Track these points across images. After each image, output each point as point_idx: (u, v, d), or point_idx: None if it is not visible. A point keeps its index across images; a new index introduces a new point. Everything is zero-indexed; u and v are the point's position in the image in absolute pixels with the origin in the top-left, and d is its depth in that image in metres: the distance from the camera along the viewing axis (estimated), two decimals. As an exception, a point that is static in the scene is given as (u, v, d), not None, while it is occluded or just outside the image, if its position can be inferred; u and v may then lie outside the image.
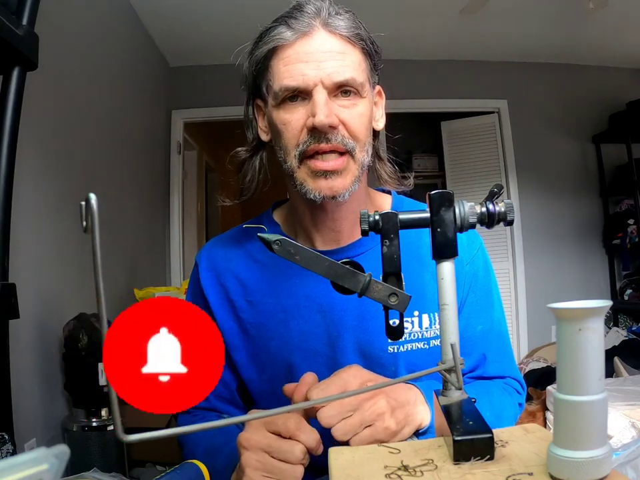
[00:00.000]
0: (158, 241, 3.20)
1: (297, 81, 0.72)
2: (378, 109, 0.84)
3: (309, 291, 0.81)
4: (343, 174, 0.74)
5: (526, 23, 3.05)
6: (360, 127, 0.75)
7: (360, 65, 0.75)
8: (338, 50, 0.73)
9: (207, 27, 2.97)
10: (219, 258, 0.88)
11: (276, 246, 0.53)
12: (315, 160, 0.74)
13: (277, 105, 0.75)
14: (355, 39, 0.75)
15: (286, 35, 0.73)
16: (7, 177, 0.83)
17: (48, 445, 0.28)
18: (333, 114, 0.72)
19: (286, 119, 0.74)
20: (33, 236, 1.56)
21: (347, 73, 0.73)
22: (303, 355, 0.81)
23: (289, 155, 0.75)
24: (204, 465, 0.74)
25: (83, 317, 1.61)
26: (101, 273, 0.30)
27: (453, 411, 0.46)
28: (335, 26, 0.73)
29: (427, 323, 0.80)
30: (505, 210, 0.53)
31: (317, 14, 0.74)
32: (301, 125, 0.73)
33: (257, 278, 0.84)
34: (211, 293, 0.86)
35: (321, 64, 0.72)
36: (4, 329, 0.88)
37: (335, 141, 0.73)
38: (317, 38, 0.73)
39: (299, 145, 0.74)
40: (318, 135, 0.72)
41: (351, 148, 0.74)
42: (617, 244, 3.61)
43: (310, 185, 0.75)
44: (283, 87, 0.73)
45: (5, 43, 0.79)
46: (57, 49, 1.70)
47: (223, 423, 0.37)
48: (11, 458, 0.26)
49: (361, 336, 0.80)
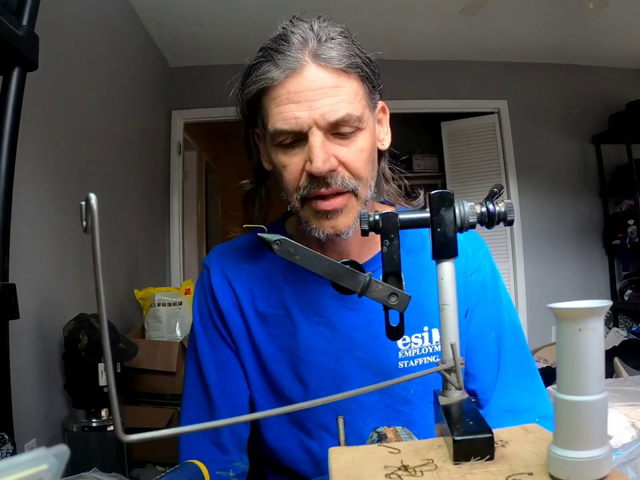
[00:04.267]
0: (158, 241, 3.20)
1: (290, 124, 0.69)
2: (382, 127, 0.81)
3: (319, 308, 0.80)
4: (345, 212, 0.73)
5: (526, 23, 3.05)
6: (361, 165, 0.72)
7: (356, 95, 0.71)
8: (330, 85, 0.69)
9: (207, 27, 2.97)
10: (229, 263, 0.85)
11: (276, 246, 0.53)
12: (317, 201, 0.72)
13: (274, 145, 0.73)
14: (349, 69, 0.70)
15: (274, 74, 0.69)
16: (7, 177, 0.83)
17: (48, 445, 0.28)
18: (330, 157, 0.69)
19: (285, 161, 0.72)
20: (33, 236, 1.56)
21: (342, 110, 0.69)
22: (309, 368, 0.80)
23: (291, 196, 0.74)
24: (204, 465, 0.74)
25: (83, 317, 1.61)
26: (101, 273, 0.30)
27: (453, 411, 0.45)
28: (325, 58, 0.69)
29: (437, 337, 0.79)
30: (505, 210, 0.53)
31: (304, 44, 0.69)
32: (299, 169, 0.71)
33: (267, 289, 0.83)
34: (222, 297, 0.83)
35: (314, 103, 0.68)
36: (4, 329, 0.88)
37: (335, 184, 0.70)
38: (306, 75, 0.69)
39: (299, 189, 0.72)
40: (317, 180, 0.70)
41: (353, 188, 0.72)
42: (617, 244, 3.61)
43: (314, 225, 0.74)
44: (277, 131, 0.70)
45: (5, 43, 0.79)
46: (57, 50, 1.70)
47: (222, 423, 0.36)
48: (11, 458, 0.26)
49: (370, 352, 0.79)
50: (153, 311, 2.34)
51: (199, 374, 0.84)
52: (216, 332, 0.84)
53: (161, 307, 2.34)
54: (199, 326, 0.85)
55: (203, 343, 0.84)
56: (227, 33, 3.01)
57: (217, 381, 0.83)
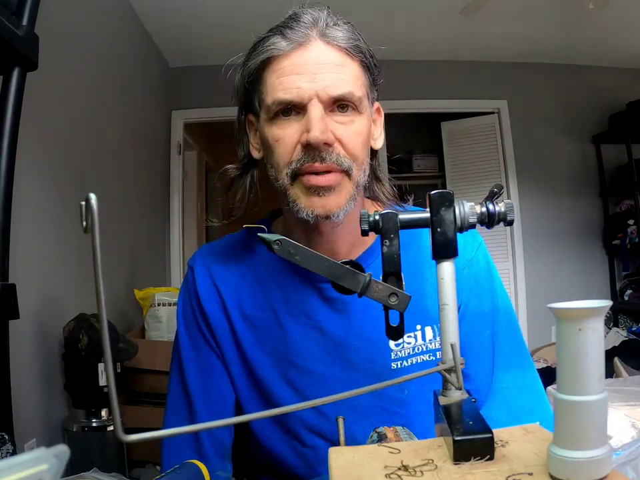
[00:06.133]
0: (158, 241, 3.20)
1: (291, 94, 0.68)
2: (377, 127, 0.80)
3: (308, 310, 0.79)
4: (337, 190, 0.70)
5: (526, 23, 3.05)
6: (357, 145, 0.71)
7: (358, 78, 0.72)
8: (335, 62, 0.69)
9: (207, 27, 2.97)
10: (215, 264, 0.83)
11: (276, 246, 0.53)
12: (309, 176, 0.69)
13: (269, 120, 0.71)
14: (354, 51, 0.71)
15: (281, 44, 0.69)
16: (7, 177, 0.83)
17: (48, 445, 0.28)
18: (328, 130, 0.68)
19: (279, 134, 0.70)
20: (33, 236, 1.56)
21: (345, 87, 0.69)
22: (298, 372, 0.79)
23: (281, 172, 0.71)
24: (204, 465, 0.73)
25: (83, 317, 1.60)
26: (101, 273, 0.30)
27: (453, 411, 0.45)
28: (332, 37, 0.70)
29: (431, 335, 0.78)
30: (505, 210, 0.53)
31: (314, 24, 0.70)
32: (294, 141, 0.69)
33: (254, 291, 0.81)
34: (207, 299, 0.81)
35: (317, 76, 0.68)
36: (4, 329, 0.88)
37: (330, 160, 0.69)
38: (313, 49, 0.69)
39: (291, 163, 0.70)
40: (312, 153, 0.68)
41: (347, 167, 0.70)
42: (617, 244, 3.61)
43: (302, 203, 0.70)
44: (277, 101, 0.69)
45: (5, 43, 0.79)
46: (57, 49, 1.70)
47: (221, 423, 0.36)
48: (11, 458, 0.26)
49: (362, 355, 0.78)
50: (153, 311, 2.34)
51: (181, 378, 0.82)
52: (200, 335, 0.82)
53: (160, 307, 2.34)
54: (183, 328, 0.83)
55: (186, 347, 0.82)
56: (227, 33, 3.00)
57: (199, 385, 0.81)
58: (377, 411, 0.78)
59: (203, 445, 0.79)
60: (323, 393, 0.77)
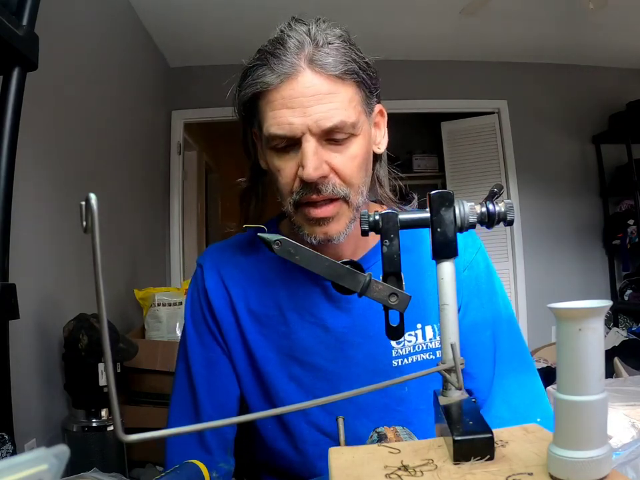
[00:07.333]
0: (158, 241, 3.20)
1: (284, 129, 0.69)
2: (379, 130, 0.81)
3: (313, 309, 0.81)
4: (336, 218, 0.73)
5: (526, 23, 3.05)
6: (353, 171, 0.72)
7: (351, 101, 0.71)
8: (325, 91, 0.69)
9: (207, 27, 2.97)
10: (223, 262, 0.86)
11: (276, 246, 0.53)
12: (309, 207, 0.72)
13: (269, 149, 0.73)
14: (345, 75, 0.70)
15: (269, 79, 0.69)
16: (7, 177, 0.83)
17: (48, 445, 0.28)
18: (322, 164, 0.70)
19: (279, 165, 0.73)
20: (33, 236, 1.56)
21: (336, 117, 0.69)
22: (303, 369, 0.80)
23: (285, 200, 0.74)
24: (204, 465, 0.74)
25: (83, 317, 1.60)
26: (101, 273, 0.30)
27: (453, 411, 0.45)
28: (321, 64, 0.68)
29: (431, 334, 0.80)
30: (505, 210, 0.53)
31: (300, 49, 0.69)
32: (293, 174, 0.72)
33: (261, 289, 0.83)
34: (215, 295, 0.84)
35: (308, 110, 0.68)
36: (4, 329, 0.88)
37: (326, 191, 0.71)
38: (301, 81, 0.68)
39: (292, 193, 0.72)
40: (309, 186, 0.70)
41: (344, 195, 0.72)
42: (617, 244, 3.61)
43: (306, 230, 0.74)
44: (271, 135, 0.70)
45: (5, 43, 0.79)
46: (57, 49, 1.70)
47: (222, 422, 0.36)
48: (11, 458, 0.26)
49: (364, 352, 0.79)
50: (153, 311, 2.34)
51: (187, 372, 0.84)
52: (207, 330, 0.84)
53: (160, 306, 2.34)
54: (190, 324, 0.86)
55: (193, 341, 0.84)
56: (227, 32, 3.01)
57: (205, 379, 0.83)
58: (377, 407, 0.80)
59: (206, 437, 0.81)
60: (325, 388, 0.78)
